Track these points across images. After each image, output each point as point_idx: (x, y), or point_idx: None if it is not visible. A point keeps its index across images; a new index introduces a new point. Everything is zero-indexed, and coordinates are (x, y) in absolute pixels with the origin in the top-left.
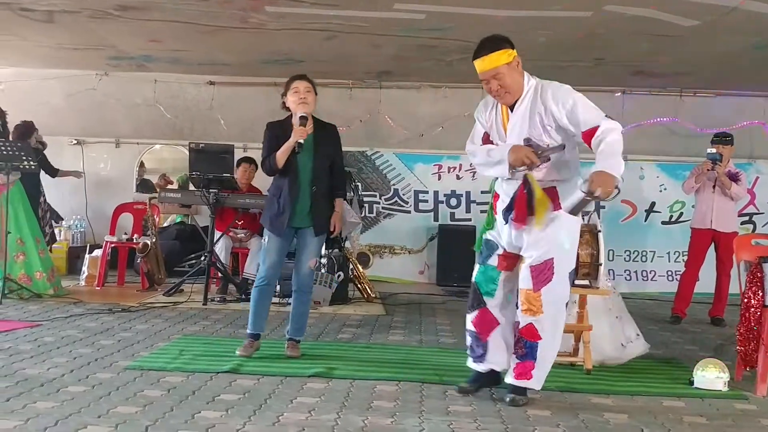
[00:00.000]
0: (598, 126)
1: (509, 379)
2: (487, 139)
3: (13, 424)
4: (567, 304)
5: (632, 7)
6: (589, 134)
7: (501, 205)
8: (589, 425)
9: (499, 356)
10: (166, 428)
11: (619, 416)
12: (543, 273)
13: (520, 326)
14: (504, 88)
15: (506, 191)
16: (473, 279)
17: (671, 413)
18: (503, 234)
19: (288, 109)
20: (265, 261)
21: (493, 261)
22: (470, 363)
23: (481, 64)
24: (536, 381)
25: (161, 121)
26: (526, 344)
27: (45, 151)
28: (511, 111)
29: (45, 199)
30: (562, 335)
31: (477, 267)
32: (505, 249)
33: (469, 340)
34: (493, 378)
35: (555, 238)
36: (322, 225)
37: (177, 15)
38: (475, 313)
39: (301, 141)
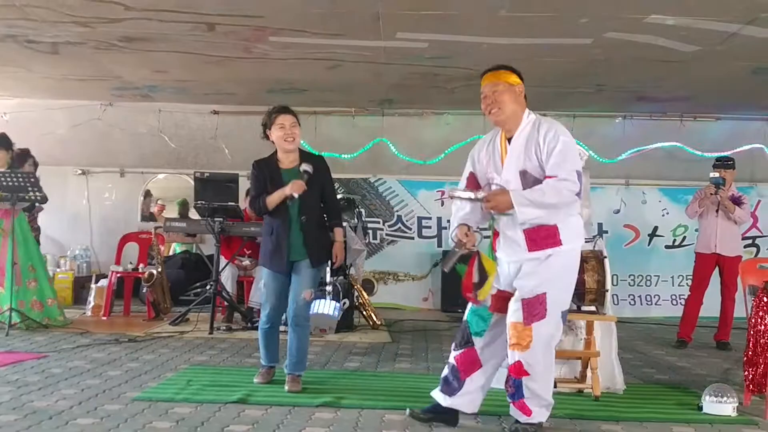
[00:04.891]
0: (557, 176)
1: (515, 414)
2: (473, 180)
3: None
4: (555, 345)
5: (633, 33)
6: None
7: (499, 243)
8: None
9: (469, 399)
10: None
11: None
12: (535, 308)
13: (509, 363)
14: (498, 103)
15: (504, 229)
16: (465, 317)
17: None
18: (502, 270)
19: (268, 137)
20: (266, 305)
21: (486, 302)
22: (436, 393)
23: (488, 77)
24: (537, 416)
25: (165, 151)
26: (514, 383)
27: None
28: (510, 144)
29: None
30: (552, 375)
31: (469, 306)
32: (498, 289)
33: (446, 371)
34: (450, 417)
35: (551, 273)
36: (319, 257)
37: (181, 46)
38: (461, 351)
39: (295, 195)
